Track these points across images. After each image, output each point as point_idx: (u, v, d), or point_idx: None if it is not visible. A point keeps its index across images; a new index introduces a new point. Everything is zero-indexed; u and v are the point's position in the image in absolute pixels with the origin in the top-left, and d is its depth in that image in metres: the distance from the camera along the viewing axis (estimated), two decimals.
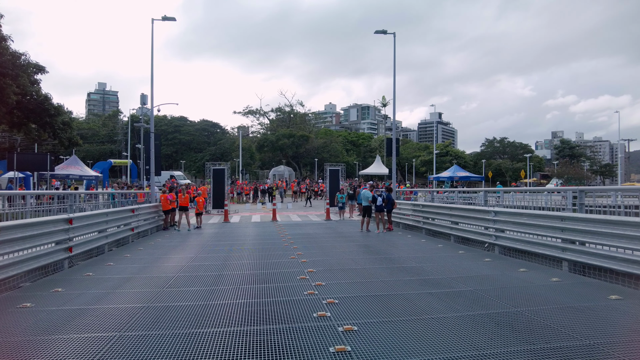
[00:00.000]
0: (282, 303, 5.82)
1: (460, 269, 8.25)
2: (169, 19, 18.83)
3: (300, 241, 12.59)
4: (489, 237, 10.35)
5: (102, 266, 8.86)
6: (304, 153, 70.73)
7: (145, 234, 14.78)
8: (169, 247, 12.02)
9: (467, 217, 11.75)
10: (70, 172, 30.63)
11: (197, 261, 9.51)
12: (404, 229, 16.14)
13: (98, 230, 10.48)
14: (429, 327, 4.79)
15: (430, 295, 6.24)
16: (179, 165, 73.44)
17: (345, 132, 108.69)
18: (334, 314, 5.24)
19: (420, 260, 9.29)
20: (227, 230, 16.62)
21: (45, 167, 21.85)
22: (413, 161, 76.06)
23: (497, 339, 4.35)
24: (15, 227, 6.99)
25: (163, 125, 77.34)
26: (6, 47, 17.48)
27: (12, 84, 16.90)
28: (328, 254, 10.24)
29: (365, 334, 4.53)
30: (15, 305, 5.78)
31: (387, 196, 15.30)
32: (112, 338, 4.48)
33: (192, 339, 4.46)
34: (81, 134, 45.26)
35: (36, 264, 7.47)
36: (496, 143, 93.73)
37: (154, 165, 19.06)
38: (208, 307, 5.67)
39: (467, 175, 42.27)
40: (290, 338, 4.44)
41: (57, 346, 4.27)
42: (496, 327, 4.74)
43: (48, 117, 21.28)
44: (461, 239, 11.89)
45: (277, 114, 76.93)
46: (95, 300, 6.13)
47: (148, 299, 6.10)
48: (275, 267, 8.55)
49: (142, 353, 4.08)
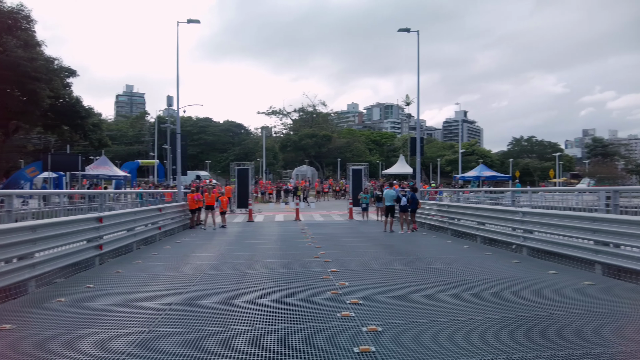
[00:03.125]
0: (306, 302, 5.84)
1: (486, 270, 8.08)
2: (193, 22, 19.17)
3: (323, 241, 12.59)
4: (517, 238, 10.10)
5: (131, 264, 9.10)
6: (327, 153, 70.78)
7: (172, 232, 15.09)
8: (194, 246, 12.24)
9: (493, 217, 11.51)
10: (100, 172, 31.56)
11: (222, 259, 9.65)
12: (429, 229, 15.93)
13: (127, 228, 10.76)
14: (455, 329, 4.71)
15: (456, 296, 6.14)
16: (204, 165, 74.64)
17: (368, 131, 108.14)
18: (357, 314, 5.22)
19: (446, 261, 9.15)
20: (251, 229, 16.79)
21: (76, 167, 22.61)
22: (438, 160, 74.99)
23: (525, 343, 4.24)
24: (51, 225, 7.26)
25: (188, 126, 78.82)
26: (40, 52, 18.17)
27: (45, 87, 17.56)
28: (351, 254, 10.21)
29: (390, 335, 4.50)
30: (51, 300, 6.01)
31: (411, 196, 15.14)
32: (141, 334, 4.59)
33: (217, 336, 4.52)
34: (110, 135, 46.63)
35: (69, 261, 7.73)
36: (524, 142, 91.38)
37: (180, 165, 19.45)
38: (233, 305, 5.74)
39: (494, 175, 41.31)
40: (314, 337, 4.45)
41: (90, 340, 4.41)
42: (524, 331, 4.62)
43: (79, 119, 22.04)
44: (488, 240, 11.65)
45: (300, 114, 77.26)
46: (125, 296, 6.30)
47: (175, 296, 6.23)
48: (298, 267, 8.59)
49: (169, 349, 4.16)
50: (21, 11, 17.63)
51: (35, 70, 16.86)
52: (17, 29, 17.11)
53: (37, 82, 17.05)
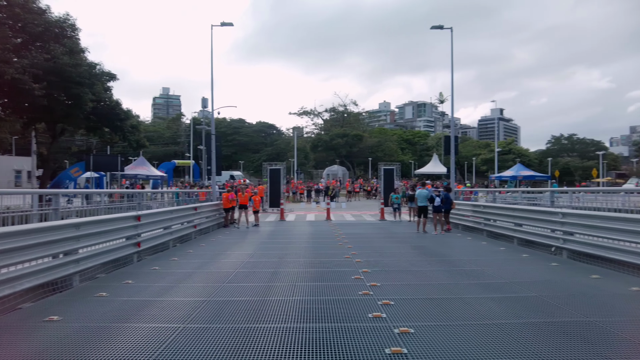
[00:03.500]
0: (337, 302, 5.84)
1: (523, 273, 7.82)
2: (226, 25, 19.54)
3: (355, 241, 12.55)
4: (556, 241, 9.71)
5: (167, 261, 9.38)
6: (358, 152, 70.42)
7: (207, 230, 15.45)
8: (228, 244, 12.48)
9: (531, 218, 11.10)
10: (138, 172, 32.75)
11: (254, 258, 9.80)
12: (463, 230, 15.58)
13: (163, 227, 11.11)
14: (489, 332, 4.58)
15: (491, 299, 5.98)
16: (237, 165, 76.02)
17: (400, 130, 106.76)
18: (389, 315, 5.18)
19: (481, 263, 8.92)
20: (283, 229, 16.96)
21: (116, 167, 23.55)
22: (473, 160, 73.18)
23: (565, 350, 4.07)
24: (93, 223, 7.60)
25: (222, 127, 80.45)
26: (84, 58, 19.06)
27: (88, 91, 18.41)
28: (383, 255, 10.12)
29: (422, 337, 4.43)
30: (93, 294, 6.30)
31: (445, 196, 14.85)
32: (177, 329, 4.73)
33: (250, 333, 4.60)
34: (147, 137, 48.24)
35: (110, 257, 8.07)
36: (564, 140, 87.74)
37: (215, 165, 19.89)
38: (265, 303, 5.82)
39: (532, 175, 39.87)
40: (345, 337, 4.44)
41: (128, 333, 4.59)
42: (564, 337, 4.44)
43: (119, 121, 22.92)
44: (525, 242, 11.26)
45: (331, 114, 77.25)
46: (161, 292, 6.51)
47: (209, 293, 6.38)
48: (329, 266, 8.60)
49: (204, 344, 4.27)
50: (67, 20, 18.57)
51: (79, 75, 17.71)
52: (63, 37, 18.02)
53: (80, 86, 17.90)
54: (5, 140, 49.15)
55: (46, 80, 16.35)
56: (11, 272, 5.53)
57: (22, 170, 52.23)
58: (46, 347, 4.20)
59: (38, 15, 17.31)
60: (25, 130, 23.27)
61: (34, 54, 16.27)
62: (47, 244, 6.19)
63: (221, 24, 19.46)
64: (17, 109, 17.76)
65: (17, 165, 53.63)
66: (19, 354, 4.05)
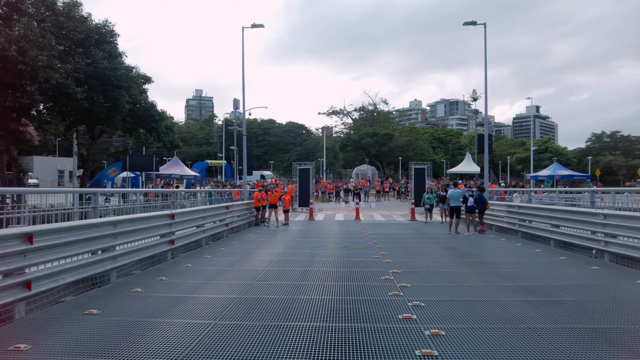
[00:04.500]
0: (367, 302, 5.81)
1: (562, 276, 7.52)
2: (257, 26, 19.79)
3: (384, 241, 12.44)
4: (597, 243, 9.28)
5: (200, 258, 9.60)
6: (388, 152, 69.68)
7: (238, 229, 15.71)
8: (259, 242, 12.65)
9: (569, 219, 10.66)
10: (172, 172, 33.74)
11: (284, 256, 9.88)
12: (497, 231, 15.15)
13: (196, 225, 11.37)
14: (524, 337, 4.43)
15: (526, 302, 5.78)
16: (267, 165, 76.97)
17: (432, 128, 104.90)
18: (420, 316, 5.10)
19: (515, 265, 8.65)
20: (313, 228, 17.02)
21: (151, 167, 24.31)
22: (508, 159, 71.04)
23: (608, 359, 3.88)
24: (129, 221, 7.87)
25: (253, 127, 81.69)
26: (121, 62, 19.75)
27: (125, 94, 19.07)
28: (413, 256, 9.98)
29: (454, 339, 4.34)
30: (129, 289, 6.53)
31: (479, 196, 14.48)
32: (209, 325, 4.83)
33: (280, 331, 4.64)
34: (181, 137, 49.52)
35: (145, 254, 8.34)
36: (605, 137, 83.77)
37: (246, 165, 20.20)
38: (295, 301, 5.86)
39: (570, 174, 38.29)
40: (375, 337, 4.41)
41: (162, 328, 4.73)
42: (607, 345, 4.23)
43: (153, 123, 23.61)
44: (563, 244, 10.83)
45: (360, 113, 76.82)
46: (194, 289, 6.67)
47: (240, 291, 6.48)
48: (359, 266, 8.56)
49: (235, 341, 4.34)
50: (106, 26, 19.31)
51: (117, 78, 18.38)
52: (103, 43, 18.75)
53: (118, 89, 18.58)
54: (50, 142, 51.75)
55: (87, 84, 17.07)
56: (55, 267, 5.81)
57: (65, 170, 54.90)
58: (86, 339, 4.39)
59: (80, 23, 18.10)
60: (67, 132, 24.37)
61: (76, 59, 17.00)
62: (86, 240, 6.46)
63: (252, 25, 19.73)
64: (61, 112, 18.63)
65: (60, 165, 56.41)
66: (63, 344, 4.24)
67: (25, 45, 15.16)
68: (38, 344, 4.24)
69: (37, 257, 5.46)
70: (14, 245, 5.08)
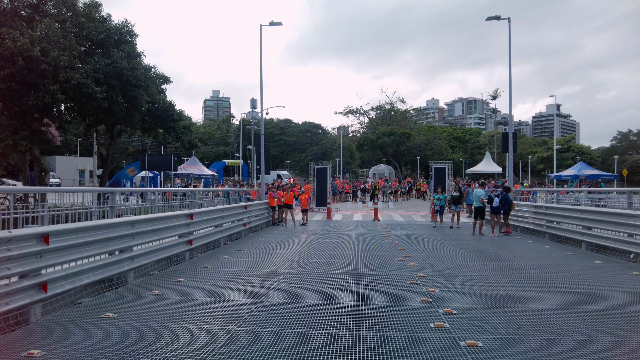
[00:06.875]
0: (394, 308, 5.48)
1: (600, 282, 7.05)
2: (275, 24, 19.57)
3: (406, 242, 12.07)
4: (636, 247, 8.75)
5: (219, 259, 9.40)
6: (405, 151, 68.86)
7: (256, 229, 15.53)
8: (278, 243, 12.42)
9: (603, 221, 10.12)
10: (190, 172, 33.86)
11: (304, 257, 9.61)
12: (522, 232, 14.61)
13: (215, 225, 11.20)
14: (570, 351, 4.06)
15: (566, 311, 5.38)
16: (284, 165, 76.96)
17: (450, 127, 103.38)
18: (452, 325, 4.76)
19: (548, 269, 8.20)
20: (331, 228, 16.72)
21: (169, 167, 24.35)
22: (528, 158, 69.49)
23: None
24: (147, 221, 7.70)
25: (270, 127, 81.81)
26: (140, 62, 19.79)
27: (144, 93, 19.09)
28: (438, 258, 9.60)
29: (492, 352, 3.99)
30: (147, 291, 6.34)
31: (504, 196, 13.96)
32: (229, 332, 4.58)
33: (303, 339, 4.36)
34: (199, 137, 49.81)
35: (163, 255, 8.17)
36: (632, 136, 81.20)
37: (264, 165, 20.03)
38: (317, 307, 5.57)
39: (596, 174, 37.02)
40: (407, 348, 4.09)
41: (180, 334, 4.50)
42: None
43: (172, 122, 23.67)
44: (595, 247, 10.30)
45: (377, 113, 76.14)
46: (213, 292, 6.45)
47: (260, 294, 6.23)
48: (381, 269, 8.23)
49: (257, 350, 4.08)
50: (126, 26, 19.37)
51: (135, 78, 18.40)
52: (122, 43, 18.80)
53: (137, 89, 18.61)
54: (71, 142, 52.70)
55: (106, 83, 17.13)
56: (71, 268, 5.66)
57: (85, 169, 55.87)
58: (101, 346, 4.18)
59: (100, 23, 18.19)
60: (87, 132, 24.59)
61: (96, 60, 17.07)
62: (104, 240, 6.30)
63: (270, 23, 19.52)
64: (81, 111, 18.76)
65: (81, 165, 57.46)
66: (77, 351, 4.05)
67: (47, 45, 15.27)
68: (52, 349, 4.06)
69: (53, 257, 5.31)
70: (29, 245, 4.93)
